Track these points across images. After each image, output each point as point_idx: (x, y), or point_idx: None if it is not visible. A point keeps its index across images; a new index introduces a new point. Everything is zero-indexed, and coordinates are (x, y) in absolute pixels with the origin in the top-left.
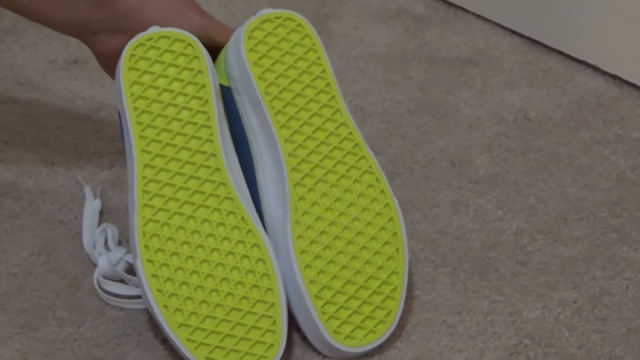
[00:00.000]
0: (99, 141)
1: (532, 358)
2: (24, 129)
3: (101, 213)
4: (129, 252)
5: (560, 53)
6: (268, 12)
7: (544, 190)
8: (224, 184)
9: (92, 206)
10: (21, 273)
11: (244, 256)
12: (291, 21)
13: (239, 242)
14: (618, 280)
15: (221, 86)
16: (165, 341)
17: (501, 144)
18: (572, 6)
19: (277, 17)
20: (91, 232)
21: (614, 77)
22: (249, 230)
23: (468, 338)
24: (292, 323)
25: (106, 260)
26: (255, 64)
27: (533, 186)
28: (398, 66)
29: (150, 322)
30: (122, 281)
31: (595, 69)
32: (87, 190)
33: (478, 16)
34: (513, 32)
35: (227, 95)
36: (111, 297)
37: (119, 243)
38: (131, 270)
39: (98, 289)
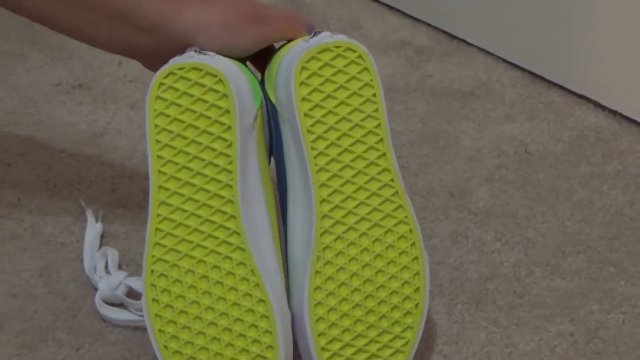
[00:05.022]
0: (102, 165)
1: None
2: (27, 151)
3: (102, 236)
4: (129, 275)
5: (561, 88)
6: (328, 40)
7: (542, 223)
8: (238, 233)
9: (93, 229)
10: (21, 294)
11: (249, 310)
12: (351, 52)
13: (246, 294)
14: (615, 314)
15: (270, 103)
16: None
17: (501, 176)
18: (573, 42)
19: (337, 47)
20: (92, 255)
21: (614, 112)
22: (257, 285)
23: None
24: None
25: (107, 283)
26: (303, 99)
27: (532, 219)
28: (399, 97)
29: (148, 346)
30: (122, 304)
31: (595, 104)
32: (89, 213)
33: (480, 49)
34: (515, 65)
35: (274, 115)
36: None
37: (120, 267)
38: (131, 294)
39: (100, 312)
